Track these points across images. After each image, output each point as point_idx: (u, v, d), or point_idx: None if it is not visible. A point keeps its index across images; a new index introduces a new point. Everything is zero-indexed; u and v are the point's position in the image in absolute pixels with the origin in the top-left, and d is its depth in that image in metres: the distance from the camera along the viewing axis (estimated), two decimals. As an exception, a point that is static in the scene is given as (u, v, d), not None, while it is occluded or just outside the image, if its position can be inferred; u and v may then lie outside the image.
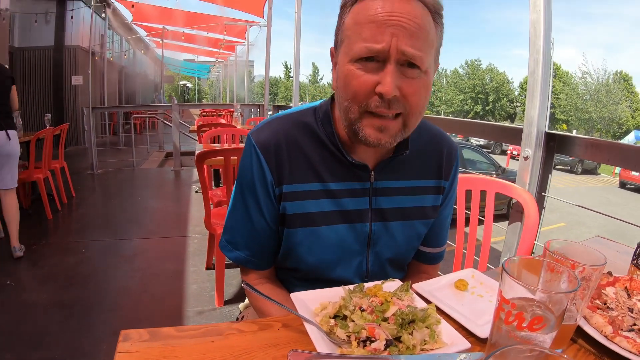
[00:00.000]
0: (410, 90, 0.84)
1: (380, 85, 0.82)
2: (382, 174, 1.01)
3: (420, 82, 0.85)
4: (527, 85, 2.12)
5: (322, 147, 0.99)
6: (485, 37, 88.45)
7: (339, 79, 0.89)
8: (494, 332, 0.65)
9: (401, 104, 0.85)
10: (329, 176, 0.99)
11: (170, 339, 0.75)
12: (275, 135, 0.98)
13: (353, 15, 0.85)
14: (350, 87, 0.85)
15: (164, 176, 7.64)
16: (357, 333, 0.72)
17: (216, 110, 10.69)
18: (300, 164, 0.98)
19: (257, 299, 1.04)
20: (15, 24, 9.94)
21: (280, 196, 0.99)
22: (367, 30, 0.82)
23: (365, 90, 0.84)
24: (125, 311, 2.78)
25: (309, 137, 1.00)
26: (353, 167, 0.99)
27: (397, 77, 0.82)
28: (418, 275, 1.20)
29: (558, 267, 0.68)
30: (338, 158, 0.99)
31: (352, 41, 0.84)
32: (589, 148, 1.97)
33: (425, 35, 0.83)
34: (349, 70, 0.85)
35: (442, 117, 5.08)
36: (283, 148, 0.98)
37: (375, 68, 0.83)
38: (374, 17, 0.81)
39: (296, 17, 5.53)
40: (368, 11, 0.82)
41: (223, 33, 13.01)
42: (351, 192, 1.00)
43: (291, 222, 0.99)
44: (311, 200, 0.99)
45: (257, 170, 0.98)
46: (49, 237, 4.19)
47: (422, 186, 1.07)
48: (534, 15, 2.03)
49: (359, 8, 0.84)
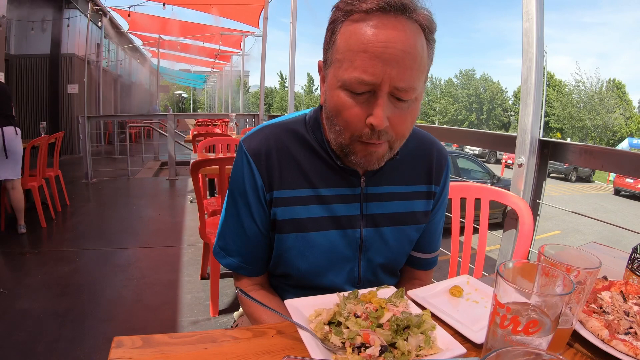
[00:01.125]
0: (399, 120, 0.85)
1: (372, 117, 0.82)
2: (372, 180, 1.02)
3: (409, 112, 0.86)
4: (521, 93, 2.13)
5: (312, 153, 1.00)
6: (479, 46, 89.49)
7: (329, 102, 0.89)
8: (490, 336, 0.65)
9: (389, 133, 0.86)
10: (319, 182, 0.99)
11: (163, 345, 0.74)
12: (266, 142, 0.99)
13: (345, 37, 0.83)
14: (341, 117, 0.86)
15: (159, 186, 7.61)
16: (352, 339, 0.71)
17: (211, 120, 10.69)
18: (290, 169, 0.99)
19: (250, 305, 1.04)
20: (11, 32, 9.93)
21: (271, 202, 0.99)
22: (359, 59, 0.80)
23: (356, 122, 0.85)
24: (119, 321, 2.75)
25: (300, 144, 1.00)
26: (344, 172, 0.99)
27: (388, 109, 0.83)
28: (411, 281, 1.20)
29: (553, 271, 0.68)
30: (329, 164, 0.99)
31: (344, 67, 0.83)
32: (583, 155, 1.98)
33: (418, 65, 0.82)
34: (340, 98, 0.85)
35: (437, 126, 5.10)
36: (273, 154, 0.98)
37: (367, 98, 0.83)
38: (367, 47, 0.79)
39: (291, 27, 5.56)
40: (361, 37, 0.80)
41: (219, 43, 13.07)
42: (342, 198, 1.00)
43: (282, 228, 0.99)
44: (302, 206, 0.99)
45: (248, 176, 0.98)
46: (42, 246, 4.15)
47: (413, 191, 1.07)
48: (526, 24, 2.05)
49: (351, 30, 0.82)
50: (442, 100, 53.66)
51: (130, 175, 8.02)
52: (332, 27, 0.87)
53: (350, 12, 0.82)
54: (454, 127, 2.92)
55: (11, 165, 4.07)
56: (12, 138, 4.00)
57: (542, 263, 0.72)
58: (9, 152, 3.99)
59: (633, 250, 1.00)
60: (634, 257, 1.00)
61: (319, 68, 0.95)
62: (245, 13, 9.49)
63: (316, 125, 1.00)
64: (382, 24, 0.79)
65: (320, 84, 0.95)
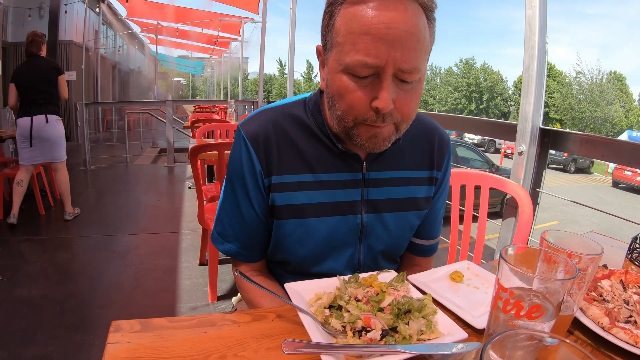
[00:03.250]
0: (404, 102, 0.83)
1: (377, 101, 0.80)
2: (374, 165, 1.00)
3: (414, 93, 0.84)
4: (522, 81, 2.12)
5: (312, 137, 0.98)
6: (479, 35, 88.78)
7: (331, 86, 0.87)
8: (492, 321, 0.64)
9: (394, 115, 0.84)
10: (320, 167, 0.98)
11: (162, 329, 0.74)
12: (264, 127, 0.97)
13: (345, 20, 0.80)
14: (344, 100, 0.84)
15: (158, 172, 7.59)
16: (353, 323, 0.71)
17: (210, 106, 10.64)
18: (290, 154, 0.97)
19: (249, 291, 1.03)
20: (8, 19, 9.80)
21: (270, 187, 0.98)
22: (361, 42, 0.78)
23: (361, 106, 0.83)
24: (118, 307, 2.76)
25: (299, 128, 0.99)
26: (345, 157, 0.98)
27: (393, 91, 0.81)
28: (411, 268, 1.19)
29: (555, 257, 0.67)
30: (329, 148, 0.98)
31: (345, 50, 0.80)
32: (584, 144, 1.97)
33: (421, 45, 0.80)
34: (342, 82, 0.83)
35: (437, 113, 5.09)
36: (272, 139, 0.97)
37: (371, 81, 0.81)
38: (369, 28, 0.77)
39: (291, 13, 5.52)
40: (362, 19, 0.77)
41: (217, 29, 12.96)
42: (343, 184, 0.99)
43: (280, 214, 0.99)
44: (301, 191, 0.98)
45: (247, 161, 0.97)
46: (41, 233, 4.15)
47: (415, 177, 1.06)
48: (529, 11, 2.03)
49: (352, 12, 0.79)
50: (442, 89, 53.45)
51: (129, 162, 8.00)
52: (330, 9, 0.84)
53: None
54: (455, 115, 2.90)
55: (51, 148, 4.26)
56: (40, 127, 4.11)
57: (545, 248, 0.71)
58: (37, 139, 4.12)
59: (632, 240, 1.00)
60: (633, 247, 1.00)
61: (318, 52, 0.93)
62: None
63: (316, 108, 0.99)
64: (383, 5, 0.77)
65: (320, 69, 0.93)
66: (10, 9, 9.77)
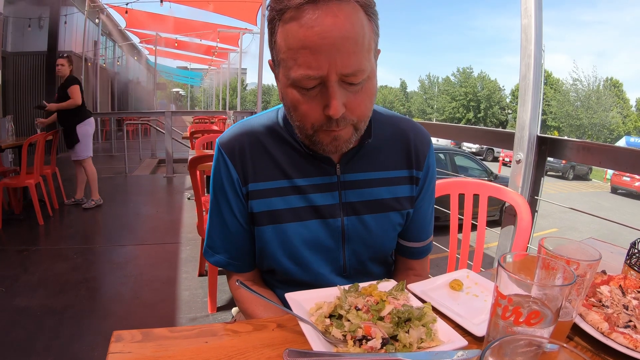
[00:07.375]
0: (356, 103, 0.85)
1: (327, 109, 0.82)
2: (348, 167, 1.01)
3: (364, 92, 0.85)
4: (519, 89, 2.14)
5: (286, 144, 1.00)
6: (476, 44, 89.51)
7: (285, 100, 0.89)
8: (491, 328, 0.64)
9: (349, 118, 0.85)
10: (295, 172, 0.99)
11: (163, 339, 0.74)
12: (238, 138, 1.01)
13: (283, 37, 0.82)
14: (298, 112, 0.86)
15: (156, 183, 7.59)
16: (353, 332, 0.71)
17: (209, 117, 10.67)
18: (264, 162, 1.00)
19: (244, 300, 1.04)
20: (8, 29, 9.86)
21: (247, 195, 1.00)
22: (301, 56, 0.79)
23: (314, 115, 0.85)
24: (117, 318, 2.75)
25: (272, 137, 1.01)
26: (318, 161, 0.99)
27: (342, 95, 0.82)
28: (405, 271, 1.19)
29: (553, 264, 0.68)
30: (302, 154, 0.99)
31: (289, 66, 0.82)
32: (581, 151, 1.98)
33: (361, 46, 0.80)
34: (293, 95, 0.85)
35: (435, 123, 5.11)
36: (246, 148, 1.00)
37: (319, 91, 0.83)
38: (305, 42, 0.78)
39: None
40: (297, 34, 0.79)
41: (216, 40, 13.05)
42: (319, 187, 1.00)
43: (259, 220, 1.00)
44: (278, 197, 0.99)
45: (225, 171, 1.00)
46: (40, 243, 4.14)
47: (392, 177, 1.05)
48: (525, 20, 2.05)
49: (287, 29, 0.80)
50: (439, 98, 53.70)
51: (128, 173, 8.00)
52: (270, 27, 0.86)
53: (283, 11, 0.80)
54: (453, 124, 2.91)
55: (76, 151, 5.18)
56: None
57: (543, 255, 0.72)
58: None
59: (631, 246, 1.01)
60: (632, 252, 1.00)
61: (271, 67, 0.95)
62: (243, 10, 9.48)
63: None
64: (314, 15, 0.77)
65: (276, 82, 0.94)
66: (10, 19, 9.83)
